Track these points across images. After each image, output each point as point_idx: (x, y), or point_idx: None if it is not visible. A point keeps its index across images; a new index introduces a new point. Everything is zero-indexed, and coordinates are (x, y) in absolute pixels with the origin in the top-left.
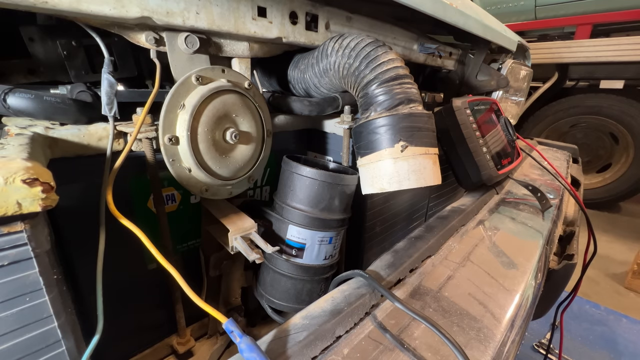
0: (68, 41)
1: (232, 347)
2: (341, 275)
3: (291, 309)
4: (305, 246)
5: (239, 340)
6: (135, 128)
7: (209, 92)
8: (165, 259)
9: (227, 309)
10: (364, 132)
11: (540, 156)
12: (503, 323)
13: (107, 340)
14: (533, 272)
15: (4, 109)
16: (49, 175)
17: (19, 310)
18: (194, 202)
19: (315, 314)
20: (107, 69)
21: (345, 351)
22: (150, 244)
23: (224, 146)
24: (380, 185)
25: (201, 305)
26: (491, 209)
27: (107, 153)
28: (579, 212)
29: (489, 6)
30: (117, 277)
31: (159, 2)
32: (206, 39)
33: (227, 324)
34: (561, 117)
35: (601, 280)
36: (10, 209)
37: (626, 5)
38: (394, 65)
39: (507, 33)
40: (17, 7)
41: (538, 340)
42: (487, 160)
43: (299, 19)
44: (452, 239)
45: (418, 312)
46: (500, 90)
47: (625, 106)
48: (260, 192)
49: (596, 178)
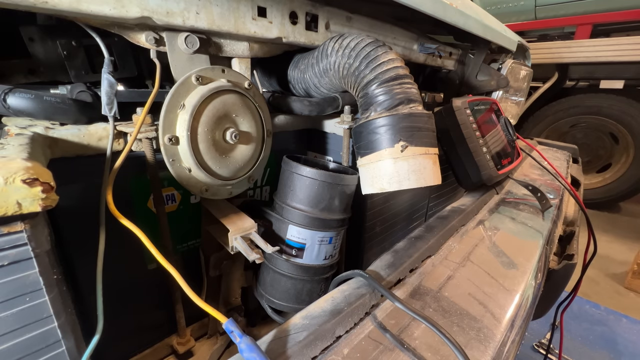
0: (68, 41)
1: (232, 347)
2: (341, 275)
3: (291, 309)
4: (305, 246)
5: (239, 340)
6: (135, 128)
7: (209, 92)
8: (165, 259)
9: (227, 309)
10: (364, 132)
11: (540, 156)
12: (503, 323)
13: (107, 340)
14: (533, 272)
15: (4, 109)
16: (49, 175)
17: (19, 310)
18: (194, 202)
19: (315, 314)
20: (107, 69)
21: (345, 351)
22: (150, 244)
23: (224, 146)
24: (380, 185)
25: (201, 305)
26: (491, 209)
27: (107, 153)
28: (579, 212)
29: (489, 6)
30: (117, 277)
31: (159, 2)
32: (206, 39)
33: (227, 324)
34: (561, 117)
35: (601, 280)
36: (10, 209)
37: (626, 5)
38: (394, 65)
39: (507, 33)
40: (17, 7)
41: (538, 340)
42: (487, 160)
43: (299, 19)
44: (452, 239)
45: (418, 312)
46: (500, 90)
47: (625, 106)
48: (260, 192)
49: (596, 178)
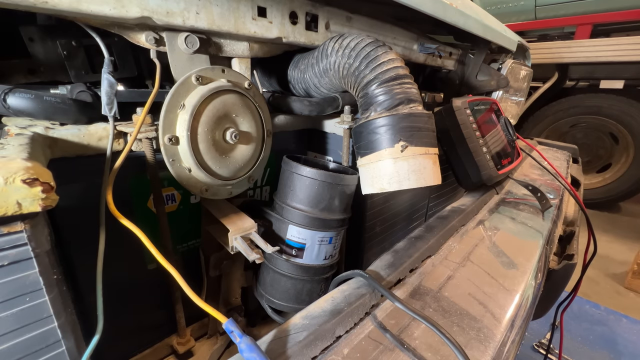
0: (68, 41)
1: (232, 347)
2: (341, 275)
3: (291, 309)
4: (305, 246)
5: (239, 340)
6: (135, 128)
7: (209, 92)
8: (165, 259)
9: (227, 309)
10: (364, 132)
11: (540, 156)
12: (503, 323)
13: (107, 340)
14: (533, 272)
15: (4, 109)
16: (49, 175)
17: (19, 310)
18: (194, 202)
19: (315, 314)
20: (107, 69)
21: (345, 351)
22: (150, 244)
23: (224, 146)
24: (380, 186)
25: (201, 305)
26: (491, 209)
27: (107, 153)
28: (579, 212)
29: (489, 6)
30: (117, 277)
31: (159, 2)
32: (206, 39)
33: (227, 324)
34: (561, 117)
35: (601, 280)
36: (10, 209)
37: (626, 5)
38: (394, 65)
39: (507, 33)
40: (17, 7)
41: (538, 340)
42: (487, 160)
43: (299, 19)
44: (452, 239)
45: (418, 312)
46: (500, 90)
47: (625, 106)
48: (260, 192)
49: (596, 178)
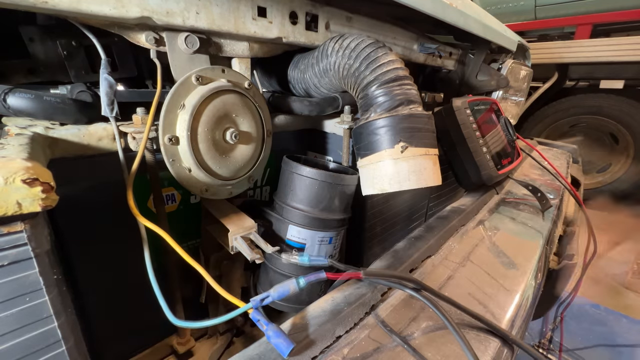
0: (68, 41)
1: (232, 347)
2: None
3: (291, 309)
4: (305, 246)
5: (266, 328)
6: (146, 128)
7: (209, 92)
8: (189, 256)
9: (227, 309)
10: (364, 133)
11: (540, 156)
12: (503, 323)
13: (107, 340)
14: (533, 272)
15: (4, 109)
16: (49, 175)
17: (19, 310)
18: (194, 202)
19: (315, 314)
20: (105, 69)
21: (345, 351)
22: (175, 243)
23: (224, 146)
24: (380, 186)
25: (230, 299)
26: (491, 209)
27: (120, 155)
28: (579, 212)
29: (489, 6)
30: (117, 277)
31: (159, 2)
32: (206, 39)
33: (253, 314)
34: (561, 117)
35: (601, 280)
36: (10, 209)
37: (626, 5)
38: (394, 66)
39: (507, 33)
40: (17, 7)
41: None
42: (487, 160)
43: (299, 19)
44: (452, 239)
45: (436, 299)
46: (500, 90)
47: (625, 106)
48: (260, 192)
49: (596, 178)
